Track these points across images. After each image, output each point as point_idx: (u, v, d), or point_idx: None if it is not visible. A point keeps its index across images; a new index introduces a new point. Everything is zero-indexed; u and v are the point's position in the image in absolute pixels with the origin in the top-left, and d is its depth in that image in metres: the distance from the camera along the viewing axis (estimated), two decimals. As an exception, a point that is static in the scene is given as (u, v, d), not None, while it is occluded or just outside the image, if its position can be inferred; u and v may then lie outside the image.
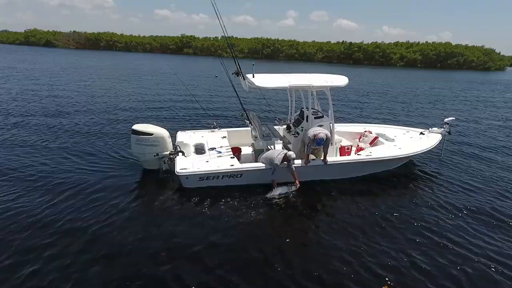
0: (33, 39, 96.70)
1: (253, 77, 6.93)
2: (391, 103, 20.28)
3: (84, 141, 9.50)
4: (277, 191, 6.49)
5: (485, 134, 12.85)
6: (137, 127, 6.98)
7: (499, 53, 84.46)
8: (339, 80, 7.49)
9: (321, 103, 8.20)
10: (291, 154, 6.51)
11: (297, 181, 6.61)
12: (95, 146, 9.07)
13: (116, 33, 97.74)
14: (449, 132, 8.88)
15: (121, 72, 32.04)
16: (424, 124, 13.24)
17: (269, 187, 6.66)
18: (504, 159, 9.72)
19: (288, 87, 6.89)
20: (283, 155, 6.48)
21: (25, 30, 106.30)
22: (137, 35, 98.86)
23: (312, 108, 7.39)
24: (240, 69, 7.00)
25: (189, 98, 16.74)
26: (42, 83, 21.29)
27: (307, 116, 7.27)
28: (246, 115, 7.65)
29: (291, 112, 8.58)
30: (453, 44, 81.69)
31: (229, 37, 7.27)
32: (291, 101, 8.50)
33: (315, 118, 7.26)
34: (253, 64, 7.04)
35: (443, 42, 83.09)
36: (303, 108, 8.02)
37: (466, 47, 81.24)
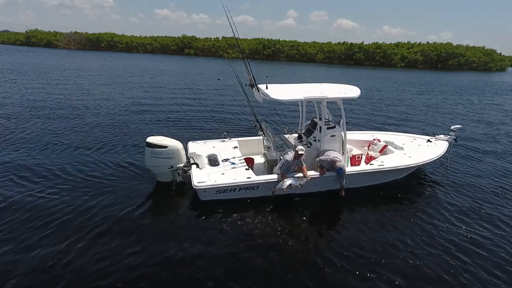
0: (34, 40, 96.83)
1: (267, 88, 6.97)
2: (391, 109, 20.33)
3: (95, 150, 9.54)
4: (286, 182, 6.52)
5: (488, 140, 12.86)
6: (151, 139, 6.89)
7: (500, 53, 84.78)
8: (352, 91, 7.53)
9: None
10: (300, 148, 6.53)
11: (307, 175, 6.64)
12: (105, 156, 9.11)
13: (116, 34, 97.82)
14: (455, 140, 8.94)
15: (123, 75, 32.05)
16: (425, 129, 13.26)
17: (283, 197, 6.71)
18: (508, 165, 9.77)
19: (303, 99, 6.92)
20: (293, 152, 6.59)
21: (26, 31, 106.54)
22: (137, 35, 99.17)
23: (324, 119, 7.43)
24: (254, 80, 7.02)
25: (196, 107, 16.66)
26: (47, 89, 21.31)
27: (320, 127, 7.30)
28: (259, 125, 7.69)
29: (302, 122, 8.62)
30: (454, 44, 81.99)
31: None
32: (302, 111, 8.54)
33: (327, 128, 7.31)
34: (266, 76, 7.08)
35: (444, 42, 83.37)
36: (314, 117, 8.05)
37: (467, 47, 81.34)
